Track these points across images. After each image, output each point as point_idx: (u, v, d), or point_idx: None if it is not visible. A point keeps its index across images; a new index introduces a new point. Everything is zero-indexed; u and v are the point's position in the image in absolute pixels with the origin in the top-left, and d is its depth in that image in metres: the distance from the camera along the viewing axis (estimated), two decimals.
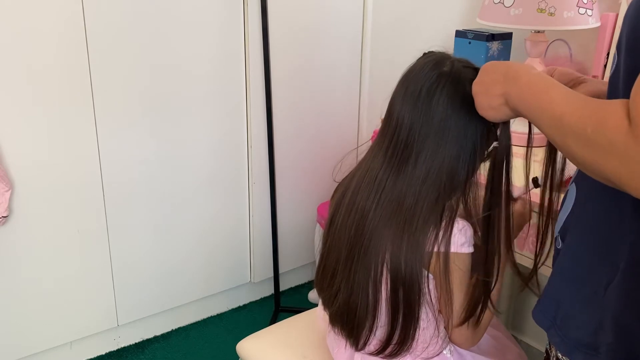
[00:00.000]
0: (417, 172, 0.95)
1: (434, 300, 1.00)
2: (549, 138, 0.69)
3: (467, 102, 0.92)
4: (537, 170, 1.01)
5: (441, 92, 0.93)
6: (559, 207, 0.87)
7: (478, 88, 0.88)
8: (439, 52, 1.00)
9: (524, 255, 1.30)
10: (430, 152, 0.94)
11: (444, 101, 0.93)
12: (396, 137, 0.97)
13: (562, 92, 0.68)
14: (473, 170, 0.97)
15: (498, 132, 0.95)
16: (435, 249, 0.96)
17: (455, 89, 0.93)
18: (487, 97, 0.85)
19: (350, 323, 1.05)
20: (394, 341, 1.02)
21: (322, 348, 1.22)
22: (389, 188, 0.98)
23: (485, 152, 0.99)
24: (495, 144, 0.94)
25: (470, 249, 0.98)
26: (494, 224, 0.96)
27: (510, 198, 0.98)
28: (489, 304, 1.01)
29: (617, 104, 0.59)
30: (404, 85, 0.98)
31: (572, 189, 0.81)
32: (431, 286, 0.99)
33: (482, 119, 0.92)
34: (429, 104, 0.94)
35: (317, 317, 1.26)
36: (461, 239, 0.96)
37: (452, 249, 0.96)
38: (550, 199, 0.98)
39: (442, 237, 0.95)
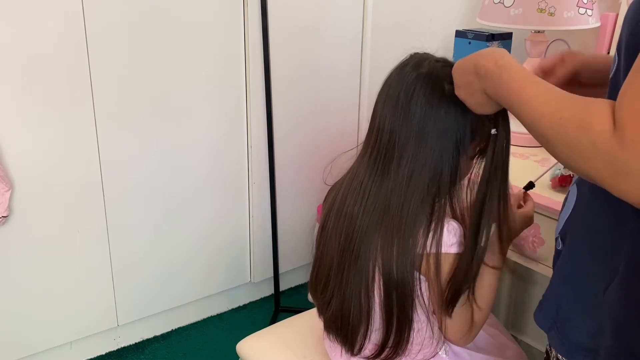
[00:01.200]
0: (400, 175, 0.95)
1: (426, 302, 1.00)
2: (530, 134, 0.68)
3: (445, 101, 0.92)
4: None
5: (418, 93, 0.93)
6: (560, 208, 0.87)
7: (461, 92, 0.88)
8: (421, 54, 1.00)
9: (527, 257, 1.30)
10: (411, 154, 0.94)
11: (422, 102, 0.93)
12: (379, 141, 0.97)
13: (538, 89, 0.67)
14: (457, 168, 0.96)
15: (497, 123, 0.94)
16: (426, 251, 0.95)
17: (433, 88, 0.93)
18: (473, 97, 0.85)
19: (344, 329, 1.05)
20: (389, 345, 1.02)
21: (322, 348, 1.22)
22: (374, 193, 0.98)
23: (475, 149, 0.99)
24: (493, 131, 0.92)
25: (460, 250, 0.97)
26: (487, 215, 0.94)
27: (506, 193, 0.97)
28: (473, 300, 0.99)
29: (602, 105, 0.58)
30: (385, 89, 0.98)
31: (574, 190, 0.81)
32: (423, 288, 0.99)
33: (463, 116, 0.91)
34: (408, 105, 0.94)
35: (316, 318, 1.26)
36: (451, 239, 0.96)
37: (442, 249, 0.96)
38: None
39: (431, 239, 0.95)
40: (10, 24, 1.48)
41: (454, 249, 0.97)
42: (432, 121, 0.93)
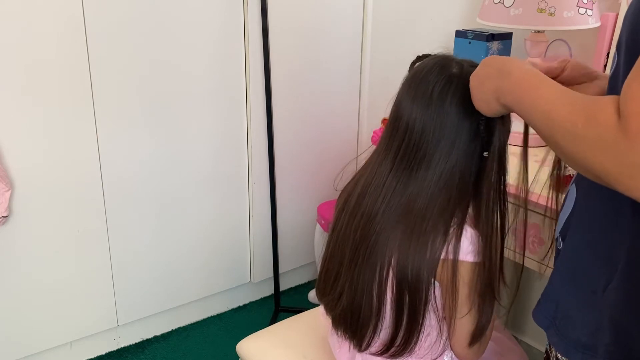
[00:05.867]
0: (429, 175, 0.95)
1: (439, 307, 1.00)
2: (539, 134, 0.68)
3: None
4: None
5: (454, 95, 0.93)
6: (560, 208, 0.87)
7: (474, 81, 0.88)
8: (439, 54, 1.00)
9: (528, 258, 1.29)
10: (443, 154, 0.94)
11: (457, 103, 0.93)
12: (407, 141, 0.96)
13: (552, 88, 0.67)
14: (483, 169, 0.96)
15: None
16: (442, 256, 0.95)
17: (467, 90, 0.92)
18: (481, 91, 0.85)
19: (354, 324, 1.04)
20: (397, 343, 1.02)
21: (322, 348, 1.22)
22: (398, 192, 0.97)
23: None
24: (485, 154, 0.93)
25: (476, 259, 0.96)
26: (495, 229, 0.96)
27: (506, 200, 0.98)
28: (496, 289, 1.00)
29: (608, 99, 0.58)
30: (412, 89, 0.97)
31: (572, 190, 0.81)
32: (437, 293, 0.99)
33: (491, 119, 0.91)
34: (442, 106, 0.93)
35: (320, 315, 1.26)
36: (468, 247, 0.95)
37: (459, 257, 0.95)
38: (556, 200, 0.98)
39: (449, 244, 0.95)
40: (11, 25, 1.48)
41: (470, 258, 0.96)
42: (467, 122, 0.93)
